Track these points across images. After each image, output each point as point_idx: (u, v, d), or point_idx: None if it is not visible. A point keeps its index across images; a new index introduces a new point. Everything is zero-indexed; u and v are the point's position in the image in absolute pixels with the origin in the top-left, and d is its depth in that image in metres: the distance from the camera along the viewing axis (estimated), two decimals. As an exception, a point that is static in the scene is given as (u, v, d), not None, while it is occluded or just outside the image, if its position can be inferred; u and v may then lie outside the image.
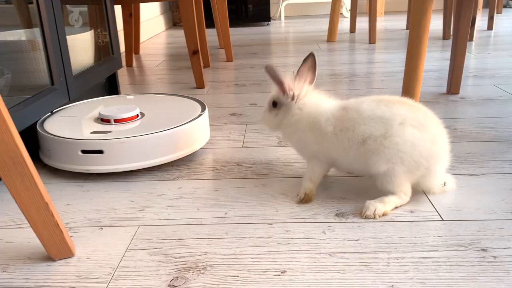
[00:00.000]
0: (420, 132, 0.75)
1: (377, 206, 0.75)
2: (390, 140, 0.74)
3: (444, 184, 0.81)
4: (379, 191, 0.78)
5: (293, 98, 0.83)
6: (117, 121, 1.02)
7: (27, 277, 0.64)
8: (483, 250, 0.65)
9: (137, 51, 2.39)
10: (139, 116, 1.06)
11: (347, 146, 0.78)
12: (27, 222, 0.77)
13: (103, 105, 1.19)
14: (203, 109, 1.09)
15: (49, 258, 0.68)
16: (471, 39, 2.29)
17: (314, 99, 0.83)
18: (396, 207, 0.77)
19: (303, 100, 0.83)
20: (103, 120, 1.04)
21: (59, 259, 0.68)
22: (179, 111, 1.10)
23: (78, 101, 1.26)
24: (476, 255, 0.64)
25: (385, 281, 0.60)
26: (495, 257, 0.64)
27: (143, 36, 2.81)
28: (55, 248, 0.67)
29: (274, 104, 0.85)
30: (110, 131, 0.97)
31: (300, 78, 0.83)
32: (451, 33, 2.46)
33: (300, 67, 0.83)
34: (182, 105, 1.15)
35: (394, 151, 0.75)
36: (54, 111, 1.13)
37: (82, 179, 0.95)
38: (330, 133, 0.79)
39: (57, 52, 1.11)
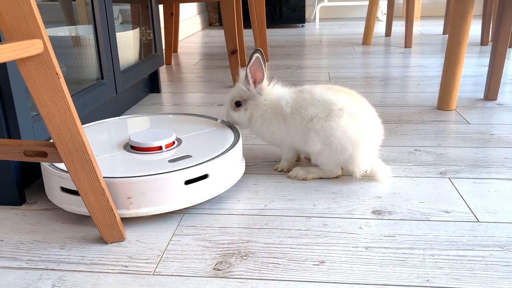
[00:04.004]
0: (353, 122, 0.85)
1: (300, 172, 0.91)
2: (328, 123, 0.86)
3: (366, 172, 0.89)
4: (415, 191, 0.80)
5: (256, 91, 0.92)
6: (167, 146, 0.87)
7: (83, 255, 0.69)
8: (518, 251, 0.67)
9: (175, 50, 2.46)
10: (176, 144, 0.89)
11: (298, 123, 0.89)
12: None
13: (113, 128, 1.00)
14: (236, 139, 0.91)
15: (102, 239, 0.73)
16: (511, 46, 2.25)
17: (272, 89, 0.94)
18: (320, 178, 0.91)
19: (265, 90, 0.93)
20: (134, 147, 0.86)
21: (111, 243, 0.73)
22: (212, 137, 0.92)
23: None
24: None
25: (421, 275, 0.62)
26: (530, 259, 0.65)
27: (181, 35, 2.89)
28: (108, 231, 0.72)
29: (238, 103, 0.94)
30: (190, 156, 0.83)
31: (254, 74, 0.91)
32: (490, 39, 2.43)
33: (251, 64, 0.90)
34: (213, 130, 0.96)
35: (328, 134, 0.86)
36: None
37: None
38: (288, 114, 0.90)
39: (107, 48, 1.18)
